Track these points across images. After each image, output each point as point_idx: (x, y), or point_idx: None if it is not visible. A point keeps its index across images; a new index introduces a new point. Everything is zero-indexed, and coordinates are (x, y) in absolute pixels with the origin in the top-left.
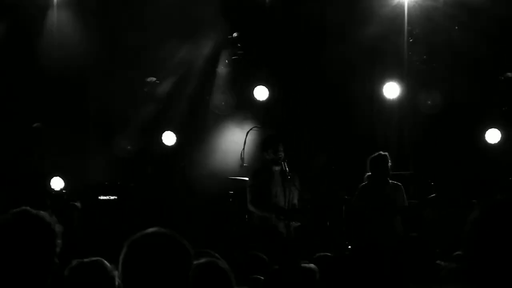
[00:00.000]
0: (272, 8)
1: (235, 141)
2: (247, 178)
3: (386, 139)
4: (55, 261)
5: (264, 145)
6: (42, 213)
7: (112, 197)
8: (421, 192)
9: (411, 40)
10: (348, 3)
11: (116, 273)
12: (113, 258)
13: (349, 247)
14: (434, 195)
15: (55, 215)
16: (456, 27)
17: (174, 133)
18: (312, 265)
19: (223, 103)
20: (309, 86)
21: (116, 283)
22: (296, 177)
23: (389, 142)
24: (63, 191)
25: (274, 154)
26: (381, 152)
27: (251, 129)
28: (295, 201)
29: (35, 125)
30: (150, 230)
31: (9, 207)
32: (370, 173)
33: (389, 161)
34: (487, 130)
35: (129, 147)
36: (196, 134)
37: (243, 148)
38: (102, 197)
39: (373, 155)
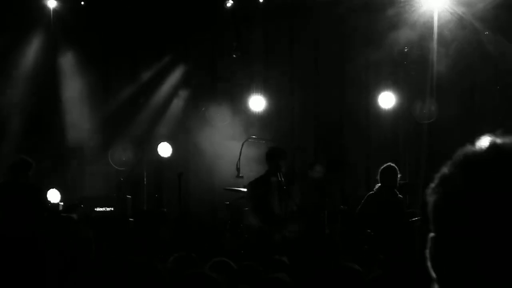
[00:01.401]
0: (268, 20)
1: (230, 151)
2: (243, 189)
3: (382, 149)
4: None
5: (268, 156)
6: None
7: (108, 209)
8: (416, 202)
9: (406, 49)
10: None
11: None
12: (110, 270)
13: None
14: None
15: (52, 227)
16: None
17: (170, 144)
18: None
19: (218, 114)
20: (306, 96)
21: None
22: (296, 187)
23: (385, 151)
24: (60, 203)
25: (275, 166)
26: (391, 164)
27: (246, 140)
28: (292, 210)
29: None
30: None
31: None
32: (379, 184)
33: (398, 173)
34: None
35: (124, 158)
36: (192, 145)
37: (239, 159)
38: (98, 209)
39: (383, 166)
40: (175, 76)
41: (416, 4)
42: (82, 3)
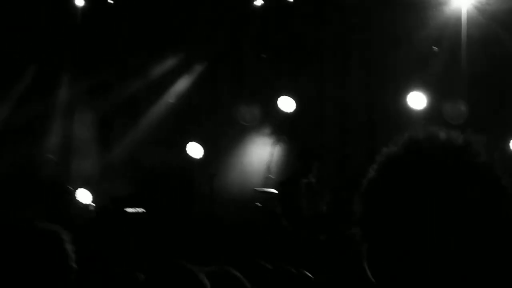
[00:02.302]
0: (297, 21)
1: (261, 152)
2: (274, 190)
3: None
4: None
5: (300, 157)
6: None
7: (139, 210)
8: None
9: (435, 49)
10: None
11: None
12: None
13: None
14: None
15: (82, 227)
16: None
17: (201, 144)
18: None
19: (249, 114)
20: (335, 96)
21: None
22: (326, 187)
23: None
24: (90, 203)
25: (307, 167)
26: None
27: (277, 140)
28: (322, 212)
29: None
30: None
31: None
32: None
33: None
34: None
35: (155, 159)
36: (223, 145)
37: (270, 160)
38: (129, 210)
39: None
40: (204, 77)
41: (445, 2)
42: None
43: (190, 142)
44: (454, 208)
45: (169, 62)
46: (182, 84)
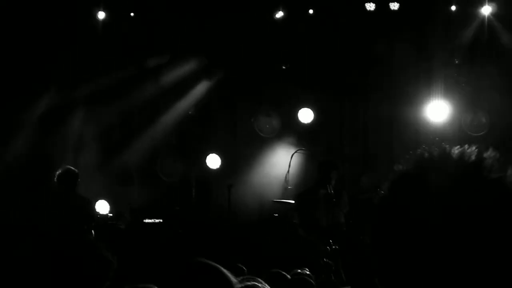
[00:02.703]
0: (317, 34)
1: (279, 163)
2: (292, 201)
3: None
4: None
5: (320, 168)
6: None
7: (157, 220)
8: None
9: (457, 62)
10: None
11: None
12: (159, 282)
13: None
14: None
15: (101, 238)
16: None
17: (219, 156)
18: None
19: (267, 125)
20: (354, 107)
21: None
22: (344, 198)
23: None
24: (109, 214)
25: (325, 179)
26: None
27: (295, 152)
28: (341, 222)
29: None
30: (193, 262)
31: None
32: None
33: None
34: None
35: (173, 170)
36: (241, 156)
37: (288, 171)
38: (147, 220)
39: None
40: (224, 87)
41: (467, 14)
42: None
43: (209, 153)
44: (468, 225)
45: (188, 69)
46: (199, 92)
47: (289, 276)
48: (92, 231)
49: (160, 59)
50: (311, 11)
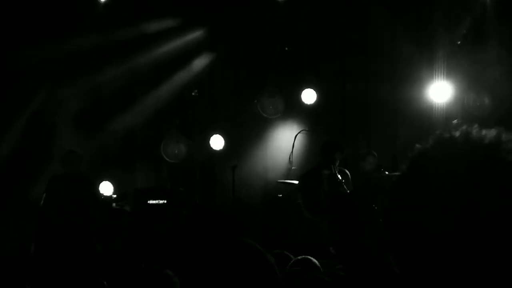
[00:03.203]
0: (320, 15)
1: (283, 144)
2: (296, 182)
3: None
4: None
5: (324, 149)
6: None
7: (161, 201)
8: None
9: (459, 42)
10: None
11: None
12: (164, 262)
13: None
14: None
15: (105, 220)
16: None
17: (222, 137)
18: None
19: (271, 106)
20: (356, 88)
21: None
22: (348, 179)
23: None
24: (113, 196)
25: (329, 159)
26: None
27: (299, 133)
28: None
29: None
30: (235, 244)
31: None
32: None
33: None
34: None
35: (176, 151)
36: (244, 137)
37: (292, 152)
38: (151, 202)
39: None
40: (227, 68)
41: None
42: None
43: (212, 135)
44: (486, 208)
45: (189, 39)
46: (200, 64)
47: (292, 257)
48: (99, 212)
49: (160, 24)
50: None
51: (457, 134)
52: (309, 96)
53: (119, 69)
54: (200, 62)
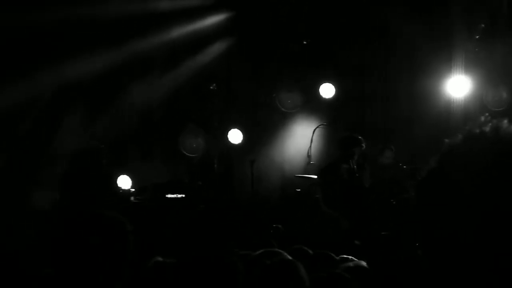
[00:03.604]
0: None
1: (301, 139)
2: (315, 176)
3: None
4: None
5: (343, 143)
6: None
7: (179, 196)
8: None
9: (477, 37)
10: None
11: None
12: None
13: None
14: None
15: (123, 213)
16: None
17: (241, 131)
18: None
19: (289, 100)
20: (375, 82)
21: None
22: (366, 172)
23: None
24: (131, 189)
25: (348, 154)
26: None
27: (317, 127)
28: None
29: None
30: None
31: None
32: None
33: None
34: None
35: (195, 145)
36: (263, 132)
37: (310, 146)
38: (169, 196)
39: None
40: (245, 62)
41: None
42: None
43: (231, 129)
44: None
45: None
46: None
47: (311, 252)
48: (117, 206)
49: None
50: None
51: (486, 129)
52: (327, 90)
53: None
54: (218, 48)
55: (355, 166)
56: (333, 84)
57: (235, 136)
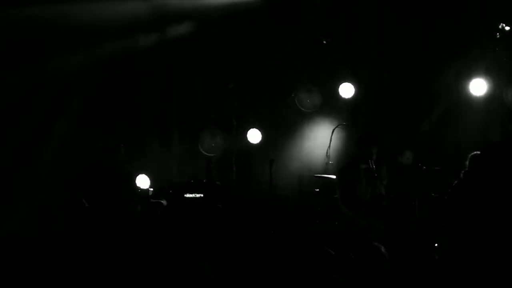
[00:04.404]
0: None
1: (320, 139)
2: (333, 176)
3: (473, 136)
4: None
5: (361, 142)
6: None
7: (198, 195)
8: None
9: (498, 36)
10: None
11: None
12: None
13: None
14: None
15: (142, 212)
16: None
17: (260, 131)
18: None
19: (308, 100)
20: (394, 83)
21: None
22: (384, 170)
23: (476, 138)
24: (149, 189)
25: (366, 153)
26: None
27: (337, 127)
28: (381, 197)
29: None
30: None
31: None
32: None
33: None
34: None
35: (213, 145)
36: (282, 132)
37: (329, 146)
38: (188, 195)
39: (473, 153)
40: (263, 62)
41: None
42: None
43: (250, 128)
44: None
45: None
46: None
47: (332, 252)
48: (138, 205)
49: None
50: None
51: None
52: (347, 90)
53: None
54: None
55: (374, 166)
56: (352, 84)
57: (254, 135)
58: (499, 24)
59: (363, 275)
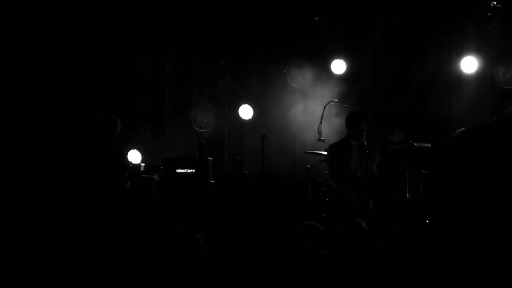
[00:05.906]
0: None
1: (312, 115)
2: (324, 152)
3: (464, 115)
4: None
5: (350, 120)
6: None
7: (189, 170)
8: None
9: (489, 14)
10: None
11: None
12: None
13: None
14: None
15: (133, 187)
16: None
17: (251, 106)
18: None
19: (300, 77)
20: (386, 61)
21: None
22: (375, 149)
23: (467, 116)
24: (141, 164)
25: (357, 130)
26: (463, 129)
27: (328, 103)
28: (374, 174)
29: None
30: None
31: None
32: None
33: None
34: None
35: (205, 120)
36: (273, 108)
37: (321, 122)
38: (179, 170)
39: (459, 131)
40: (255, 38)
41: None
42: None
43: (241, 104)
44: None
45: None
46: None
47: (321, 228)
48: (128, 181)
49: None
50: None
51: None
52: (339, 66)
53: None
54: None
55: (365, 143)
56: (344, 60)
57: (246, 111)
58: (491, 2)
59: (347, 249)
